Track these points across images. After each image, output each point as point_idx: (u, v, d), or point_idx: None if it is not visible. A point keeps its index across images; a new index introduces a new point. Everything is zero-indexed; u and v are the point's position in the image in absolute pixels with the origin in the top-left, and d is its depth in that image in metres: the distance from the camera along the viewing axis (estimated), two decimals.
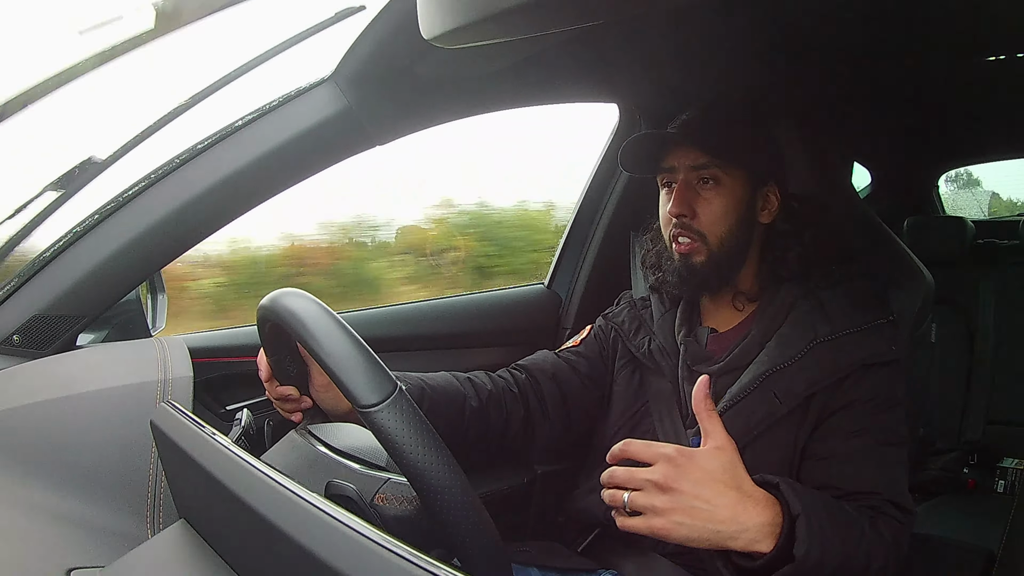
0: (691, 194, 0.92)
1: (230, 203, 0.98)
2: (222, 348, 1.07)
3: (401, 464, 0.57)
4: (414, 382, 0.90)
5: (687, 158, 0.92)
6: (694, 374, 0.95)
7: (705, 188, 0.92)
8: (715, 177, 0.91)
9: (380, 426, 0.56)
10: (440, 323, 1.34)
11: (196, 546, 0.64)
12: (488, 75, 1.07)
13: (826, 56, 1.17)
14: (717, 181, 0.91)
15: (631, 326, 1.04)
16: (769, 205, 0.95)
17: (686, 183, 0.92)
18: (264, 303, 0.68)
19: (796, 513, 0.70)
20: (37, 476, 0.79)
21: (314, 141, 0.99)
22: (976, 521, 1.60)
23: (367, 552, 0.43)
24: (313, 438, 0.71)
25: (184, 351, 0.94)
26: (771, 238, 0.95)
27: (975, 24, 1.04)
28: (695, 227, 0.92)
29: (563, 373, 1.02)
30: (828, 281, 0.93)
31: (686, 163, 0.92)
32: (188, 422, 0.65)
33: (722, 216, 0.92)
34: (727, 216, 0.92)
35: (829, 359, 0.87)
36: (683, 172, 0.92)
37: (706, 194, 0.92)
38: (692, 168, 0.92)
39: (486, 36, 0.55)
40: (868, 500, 0.81)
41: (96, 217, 0.94)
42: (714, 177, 0.91)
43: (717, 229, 0.92)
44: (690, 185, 0.92)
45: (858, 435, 0.85)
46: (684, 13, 0.89)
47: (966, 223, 2.06)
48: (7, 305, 0.93)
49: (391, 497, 0.64)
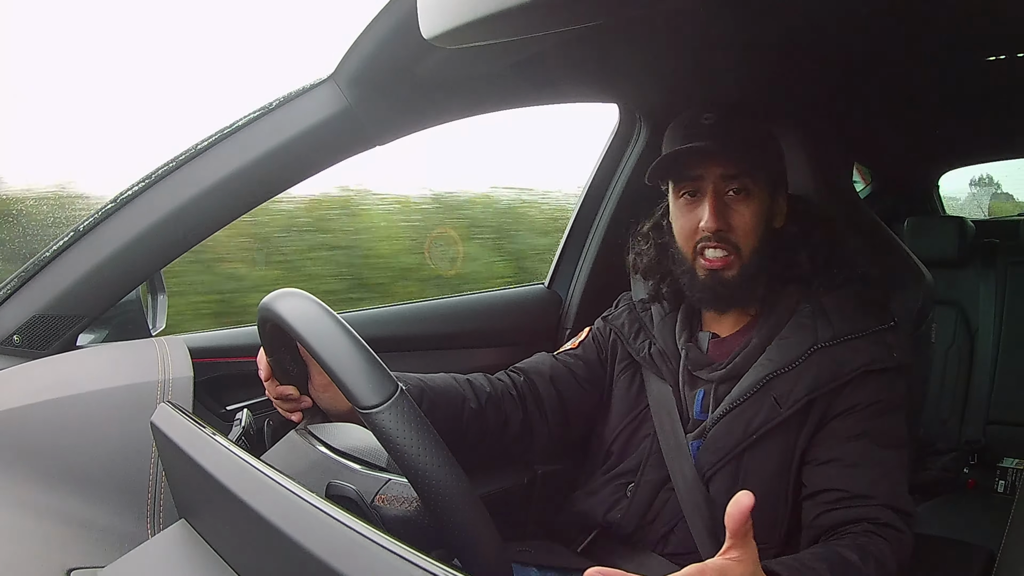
0: (722, 206, 0.88)
1: (230, 203, 0.98)
2: (222, 348, 1.07)
3: (402, 465, 0.57)
4: (414, 382, 0.90)
5: (719, 167, 0.87)
6: (696, 379, 0.95)
7: (735, 199, 0.88)
8: (745, 188, 0.88)
9: (381, 427, 0.56)
10: (440, 323, 1.33)
11: (196, 546, 0.64)
12: (488, 75, 1.07)
13: (826, 56, 1.17)
14: (748, 192, 0.88)
15: (631, 329, 1.03)
16: (780, 210, 0.93)
17: (717, 194, 0.87)
18: (265, 303, 0.68)
19: None
20: (37, 476, 0.79)
21: (314, 141, 0.99)
22: (976, 521, 1.60)
23: (367, 552, 0.43)
24: (313, 438, 0.71)
25: (184, 351, 0.94)
26: (781, 241, 0.93)
27: (975, 24, 1.04)
28: (731, 239, 0.88)
29: (561, 376, 1.02)
30: (830, 285, 0.92)
31: (716, 172, 0.87)
32: (188, 422, 0.65)
33: (754, 227, 0.88)
34: (757, 227, 0.89)
35: (830, 364, 0.86)
36: (712, 181, 0.87)
37: (737, 206, 0.88)
38: (722, 178, 0.87)
39: (486, 36, 0.55)
40: (866, 505, 0.80)
41: (96, 217, 0.94)
42: (744, 188, 0.88)
43: (750, 241, 0.89)
44: (720, 196, 0.88)
45: (858, 439, 0.84)
46: (684, 13, 0.89)
47: (966, 223, 2.06)
48: (7, 305, 0.93)
49: (392, 498, 0.64)
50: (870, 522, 0.80)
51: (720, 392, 0.92)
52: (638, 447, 0.97)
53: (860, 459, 0.83)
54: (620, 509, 0.95)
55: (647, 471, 0.95)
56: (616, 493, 0.97)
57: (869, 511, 0.80)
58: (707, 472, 0.89)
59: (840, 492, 0.82)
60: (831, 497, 0.83)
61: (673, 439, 0.93)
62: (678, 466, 0.91)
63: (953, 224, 2.05)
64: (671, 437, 0.93)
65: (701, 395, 0.93)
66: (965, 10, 0.96)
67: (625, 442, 0.99)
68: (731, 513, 0.58)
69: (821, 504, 0.83)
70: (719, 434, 0.89)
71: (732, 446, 0.88)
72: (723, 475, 0.88)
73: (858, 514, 0.80)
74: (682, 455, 0.91)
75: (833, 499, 0.82)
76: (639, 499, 0.94)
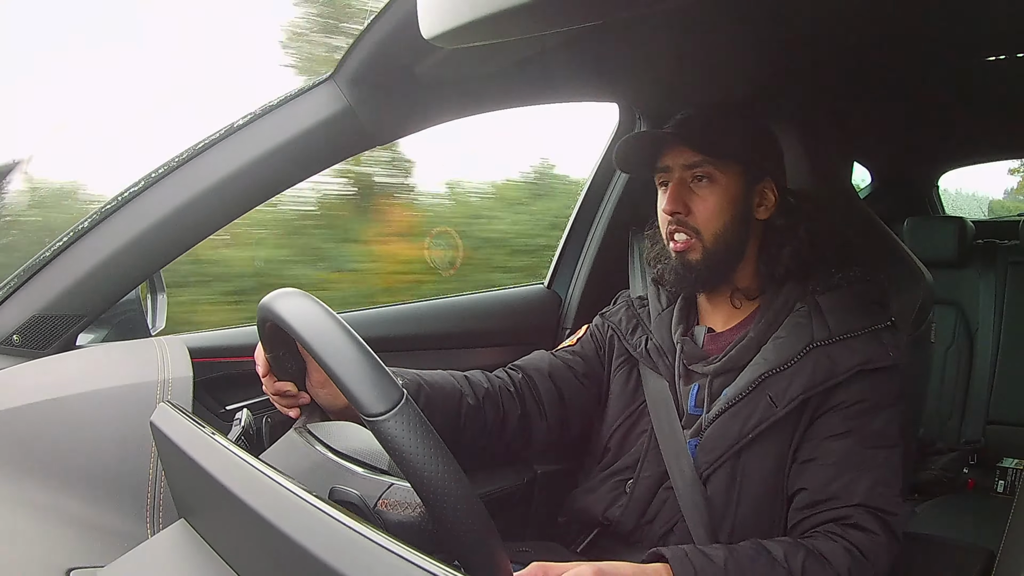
0: (685, 191, 0.93)
1: (230, 203, 0.98)
2: (222, 348, 1.07)
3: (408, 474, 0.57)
4: (411, 378, 0.90)
5: (680, 157, 0.93)
6: (691, 373, 0.95)
7: (699, 186, 0.93)
8: (709, 175, 0.92)
9: (387, 436, 0.56)
10: (440, 323, 1.34)
11: (196, 546, 0.64)
12: (488, 75, 1.07)
13: (826, 56, 1.17)
14: (711, 179, 0.92)
15: (628, 325, 1.04)
16: (766, 201, 0.95)
17: (680, 181, 0.93)
18: (266, 304, 0.67)
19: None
20: (37, 476, 0.79)
21: (314, 141, 0.99)
22: (976, 521, 1.60)
23: (366, 552, 0.44)
24: (312, 438, 0.71)
25: (184, 351, 0.94)
26: (768, 234, 0.95)
27: (975, 24, 1.04)
28: (690, 223, 0.92)
29: (560, 372, 1.03)
30: (827, 284, 0.93)
31: (680, 162, 0.93)
32: (188, 422, 0.65)
33: (716, 213, 0.92)
34: (722, 213, 0.92)
35: (825, 364, 0.87)
36: (677, 171, 0.93)
37: (700, 191, 0.93)
38: (686, 167, 0.93)
39: (486, 36, 0.54)
40: (836, 507, 0.81)
41: (96, 217, 0.94)
42: (708, 175, 0.92)
43: (712, 226, 0.92)
44: (684, 183, 0.93)
45: (842, 438, 0.85)
46: (684, 13, 0.89)
47: (966, 223, 2.06)
48: (7, 305, 0.93)
49: (394, 503, 0.63)
50: (837, 523, 0.81)
51: (715, 386, 0.92)
52: (635, 443, 0.98)
53: (842, 459, 0.84)
54: (619, 506, 0.96)
55: (645, 467, 0.95)
56: (615, 490, 0.97)
57: (839, 512, 0.81)
58: (704, 471, 0.89)
59: (812, 492, 0.83)
60: (804, 497, 0.84)
61: (670, 434, 0.93)
62: (676, 462, 0.92)
63: (953, 224, 2.05)
64: (668, 432, 0.94)
65: (696, 389, 0.94)
66: (965, 10, 0.96)
67: (622, 438, 0.99)
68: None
69: (796, 504, 0.85)
70: (715, 433, 0.89)
71: (729, 445, 0.88)
72: (720, 474, 0.89)
73: (827, 516, 0.81)
74: (679, 450, 0.92)
75: (806, 500, 0.83)
76: (638, 496, 0.95)
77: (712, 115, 0.96)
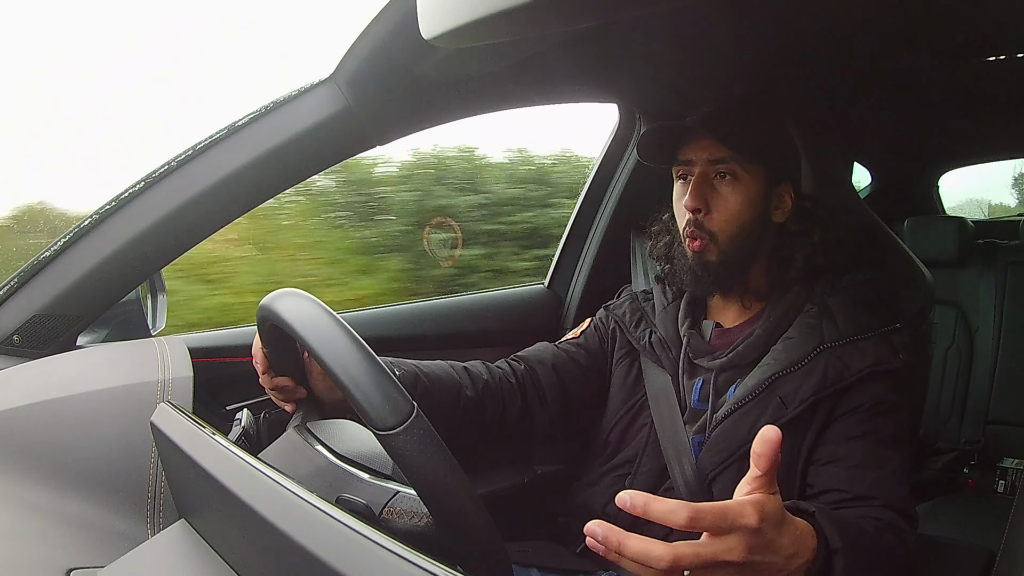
0: (707, 188, 0.91)
1: (230, 203, 0.98)
2: (222, 348, 1.07)
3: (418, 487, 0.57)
4: (408, 369, 0.89)
5: (705, 151, 0.90)
6: (696, 368, 0.95)
7: (722, 183, 0.91)
8: (732, 172, 0.90)
9: (399, 450, 0.56)
10: (440, 323, 1.34)
11: (196, 546, 0.64)
12: (488, 75, 1.06)
13: (826, 57, 1.17)
14: (734, 176, 0.90)
15: (632, 318, 1.04)
16: (783, 205, 0.94)
17: (703, 176, 0.91)
18: (270, 306, 0.67)
19: (835, 548, 0.64)
20: (37, 476, 0.79)
21: (314, 141, 0.99)
22: (976, 521, 1.60)
23: (367, 552, 0.43)
24: (313, 438, 0.71)
25: (184, 351, 0.93)
26: (782, 238, 0.94)
27: (975, 24, 1.04)
28: (707, 227, 0.91)
29: (563, 364, 1.02)
30: (836, 286, 0.93)
31: (704, 156, 0.91)
32: (188, 422, 0.65)
33: (736, 213, 0.91)
34: (741, 213, 0.91)
35: (836, 365, 0.86)
36: (700, 165, 0.91)
37: (722, 189, 0.91)
38: (710, 162, 0.90)
39: (486, 36, 0.55)
40: (868, 505, 0.80)
41: (96, 217, 0.94)
42: (731, 172, 0.90)
43: (730, 227, 0.91)
44: (707, 179, 0.91)
45: (860, 439, 0.84)
46: (684, 13, 0.89)
47: (966, 223, 2.06)
48: (7, 305, 0.93)
49: (400, 511, 0.63)
50: (877, 521, 0.79)
51: (720, 382, 0.92)
52: (635, 437, 0.97)
53: (862, 460, 0.83)
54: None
55: (644, 461, 0.95)
56: (615, 484, 0.96)
57: (871, 511, 0.80)
58: (711, 472, 0.89)
59: (842, 493, 0.81)
60: (834, 498, 0.82)
61: (671, 429, 0.93)
62: (676, 457, 0.91)
63: (953, 224, 2.05)
64: (669, 427, 0.93)
65: (700, 383, 0.94)
66: (965, 11, 0.96)
67: (623, 432, 0.99)
68: (759, 451, 0.54)
69: (824, 505, 0.83)
70: (724, 434, 0.89)
71: (737, 446, 0.87)
72: (728, 475, 0.88)
73: (861, 514, 0.80)
74: (680, 445, 0.92)
75: (836, 500, 0.82)
76: (637, 491, 0.94)
77: (738, 110, 0.94)
